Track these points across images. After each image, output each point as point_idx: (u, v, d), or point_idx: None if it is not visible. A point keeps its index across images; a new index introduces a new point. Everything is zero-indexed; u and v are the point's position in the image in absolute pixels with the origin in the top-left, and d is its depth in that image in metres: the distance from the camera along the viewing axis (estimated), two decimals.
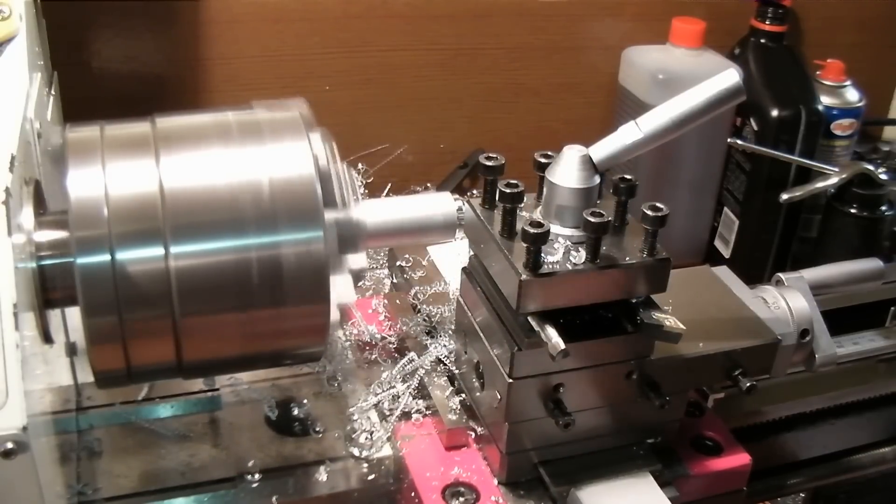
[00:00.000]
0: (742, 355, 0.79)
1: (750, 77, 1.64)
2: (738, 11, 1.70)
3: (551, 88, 1.72)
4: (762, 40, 1.68)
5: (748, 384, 0.78)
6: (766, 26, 1.66)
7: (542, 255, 0.69)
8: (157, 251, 0.62)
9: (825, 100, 1.65)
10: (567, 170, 0.72)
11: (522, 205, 0.72)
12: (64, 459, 0.74)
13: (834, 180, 1.43)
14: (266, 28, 1.51)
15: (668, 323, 0.73)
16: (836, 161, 1.66)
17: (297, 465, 0.80)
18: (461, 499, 0.75)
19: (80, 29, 1.42)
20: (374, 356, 0.90)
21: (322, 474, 0.79)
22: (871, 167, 1.45)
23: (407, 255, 0.97)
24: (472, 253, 0.78)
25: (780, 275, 0.92)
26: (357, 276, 0.73)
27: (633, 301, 0.74)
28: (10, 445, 0.56)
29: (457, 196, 0.80)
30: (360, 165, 1.13)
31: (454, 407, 0.82)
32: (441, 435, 0.81)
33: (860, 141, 1.75)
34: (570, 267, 0.69)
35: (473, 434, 0.80)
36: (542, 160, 0.75)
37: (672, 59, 1.63)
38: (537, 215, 0.73)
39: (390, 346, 0.91)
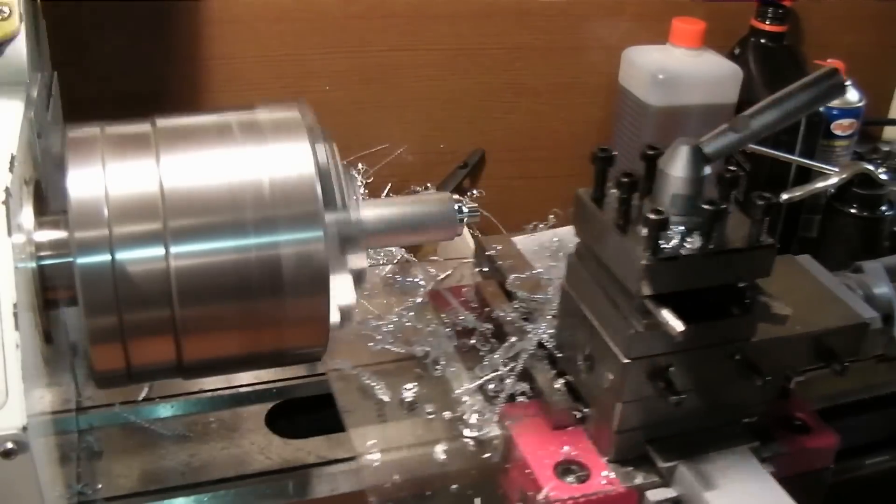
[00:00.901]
0: (835, 337, 0.84)
1: (750, 77, 1.64)
2: (738, 11, 1.70)
3: (551, 88, 1.72)
4: (762, 40, 1.68)
5: (841, 365, 0.82)
6: (766, 26, 1.66)
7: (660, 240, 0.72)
8: (157, 251, 0.62)
9: None
10: (680, 161, 0.75)
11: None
12: (64, 459, 0.74)
13: (834, 180, 1.43)
14: (266, 28, 1.51)
15: (775, 305, 0.77)
16: (836, 161, 1.66)
17: (415, 444, 0.83)
18: (573, 476, 0.78)
19: (80, 29, 1.42)
20: (472, 341, 0.93)
21: (440, 453, 0.82)
22: (871, 167, 1.44)
23: (495, 245, 1.01)
24: (579, 241, 0.82)
25: (860, 263, 0.97)
26: (357, 276, 0.73)
27: (739, 285, 0.78)
28: (10, 445, 0.56)
29: (457, 196, 0.80)
30: (360, 165, 1.13)
31: (559, 388, 0.85)
32: (547, 416, 0.84)
33: (860, 141, 1.75)
34: (685, 252, 0.72)
35: (579, 414, 0.83)
36: (651, 152, 0.78)
37: (672, 59, 1.63)
38: (649, 203, 0.77)
39: (487, 331, 0.94)
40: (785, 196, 1.46)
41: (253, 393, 0.92)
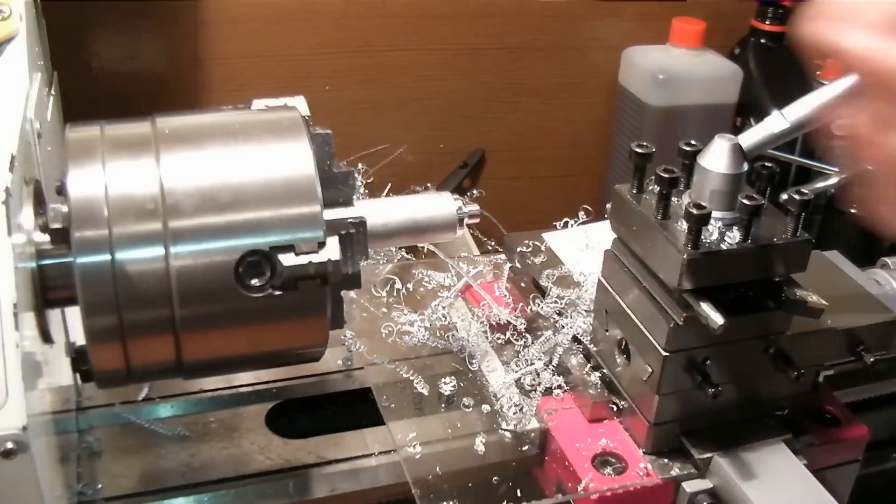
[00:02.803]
0: (867, 332, 0.85)
1: (750, 77, 1.65)
2: (738, 11, 1.71)
3: (551, 88, 1.72)
4: (762, 40, 1.68)
5: (872, 359, 0.83)
6: (766, 26, 1.67)
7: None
8: (157, 251, 0.62)
9: None
10: (719, 157, 0.76)
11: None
12: (64, 459, 0.74)
13: (834, 180, 1.44)
14: (266, 28, 1.51)
15: (811, 299, 0.78)
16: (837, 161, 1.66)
17: (454, 437, 0.84)
18: (610, 468, 0.80)
19: (80, 29, 1.42)
20: (506, 336, 0.94)
21: (479, 446, 0.82)
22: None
23: (526, 241, 1.02)
24: (615, 236, 0.83)
25: (886, 259, 0.99)
26: (356, 276, 0.73)
27: (775, 279, 0.79)
28: (10, 445, 0.56)
29: (457, 196, 0.80)
30: (360, 165, 1.13)
31: (594, 382, 0.86)
32: (583, 409, 0.85)
33: None
34: (725, 246, 0.74)
35: (615, 408, 0.84)
36: (688, 148, 0.79)
37: (672, 59, 1.63)
38: (686, 198, 0.77)
39: (521, 326, 0.94)
40: (785, 196, 1.47)
41: (253, 393, 0.92)
